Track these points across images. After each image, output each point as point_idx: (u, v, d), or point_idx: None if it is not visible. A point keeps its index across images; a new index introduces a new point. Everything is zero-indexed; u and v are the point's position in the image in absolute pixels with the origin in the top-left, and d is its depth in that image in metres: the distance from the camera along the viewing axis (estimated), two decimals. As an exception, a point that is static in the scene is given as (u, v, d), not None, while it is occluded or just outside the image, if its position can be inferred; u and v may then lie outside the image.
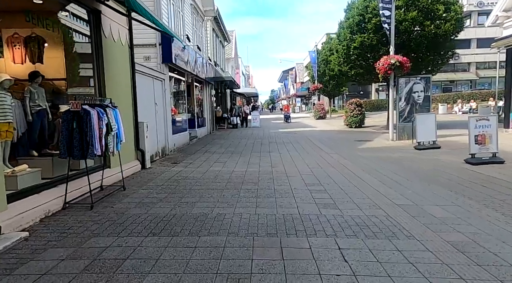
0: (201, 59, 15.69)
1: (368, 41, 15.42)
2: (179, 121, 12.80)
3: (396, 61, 12.62)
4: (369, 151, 10.99)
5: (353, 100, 20.02)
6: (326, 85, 33.12)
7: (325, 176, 7.25)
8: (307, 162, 9.10)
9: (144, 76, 8.77)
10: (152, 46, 10.08)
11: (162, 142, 10.05)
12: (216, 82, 21.94)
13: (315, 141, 14.11)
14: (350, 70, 16.94)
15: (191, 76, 14.41)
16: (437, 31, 14.63)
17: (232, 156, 10.48)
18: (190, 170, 8.04)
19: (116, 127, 5.33)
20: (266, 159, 9.78)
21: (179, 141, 12.09)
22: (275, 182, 6.65)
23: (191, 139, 14.12)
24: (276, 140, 14.64)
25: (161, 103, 10.05)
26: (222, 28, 23.70)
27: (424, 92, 13.14)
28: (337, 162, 9.06)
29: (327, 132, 18.37)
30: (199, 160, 9.72)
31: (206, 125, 18.08)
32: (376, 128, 19.37)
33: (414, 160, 8.99)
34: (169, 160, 9.72)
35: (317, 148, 11.99)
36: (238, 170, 8.07)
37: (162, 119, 10.11)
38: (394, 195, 5.58)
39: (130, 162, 7.47)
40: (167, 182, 6.77)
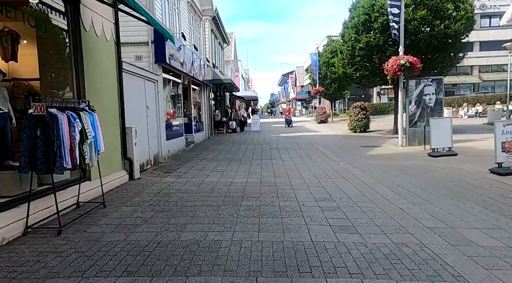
0: (198, 60, 14.90)
1: (375, 42, 14.64)
2: (174, 126, 11.97)
3: (406, 61, 11.83)
4: (379, 158, 10.15)
5: (358, 103, 19.23)
6: (328, 89, 32.37)
7: (335, 188, 6.41)
8: (314, 171, 8.26)
9: (133, 77, 7.96)
10: (144, 45, 9.28)
11: (155, 148, 9.22)
12: (215, 85, 21.15)
13: (319, 147, 13.28)
14: (355, 72, 16.15)
15: (188, 78, 13.61)
16: (446, 31, 13.87)
17: (231, 163, 9.64)
18: (183, 181, 7.19)
19: (92, 134, 4.50)
20: (268, 167, 8.94)
21: (174, 147, 11.26)
22: (279, 196, 5.82)
23: (187, 145, 13.29)
24: (278, 146, 13.81)
25: (153, 106, 9.24)
26: (221, 30, 22.96)
27: (436, 95, 12.35)
28: (346, 171, 8.23)
29: (330, 137, 17.55)
30: (195, 168, 8.88)
31: (204, 130, 17.26)
32: (382, 133, 18.56)
33: (431, 169, 8.16)
34: (162, 168, 8.88)
35: (322, 155, 11.16)
36: (238, 180, 7.23)
37: (154, 124, 9.28)
38: (420, 214, 4.74)
39: (115, 172, 6.63)
40: (156, 196, 5.93)
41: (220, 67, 25.25)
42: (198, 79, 15.20)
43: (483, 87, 49.73)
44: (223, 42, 26.32)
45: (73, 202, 5.06)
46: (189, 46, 13.05)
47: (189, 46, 12.99)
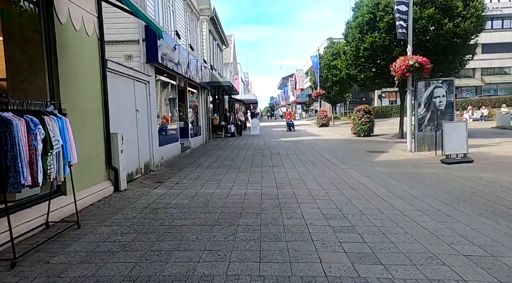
0: (195, 61, 14.20)
1: (380, 41, 13.96)
2: (168, 130, 11.24)
3: (415, 62, 11.14)
4: (389, 165, 9.41)
5: (361, 106, 18.52)
6: (329, 91, 31.70)
7: (345, 201, 5.67)
8: (319, 180, 7.52)
9: (121, 77, 7.24)
10: (135, 43, 8.57)
11: (146, 155, 8.48)
12: (213, 88, 20.46)
13: (322, 152, 12.54)
14: (359, 73, 15.44)
15: (184, 79, 12.90)
16: (456, 30, 13.19)
17: (229, 171, 8.90)
18: (175, 193, 6.44)
19: (60, 143, 3.76)
20: (269, 175, 8.20)
21: (168, 153, 10.52)
22: (283, 212, 5.07)
23: (183, 151, 12.55)
24: (279, 152, 13.07)
25: (144, 110, 8.51)
26: (219, 31, 22.29)
27: (447, 98, 11.64)
28: (355, 180, 7.49)
29: (334, 141, 16.81)
30: (189, 177, 8.13)
31: (202, 134, 16.53)
32: (387, 137, 17.83)
33: (448, 178, 7.42)
34: (153, 177, 8.13)
35: (327, 161, 10.42)
36: (236, 192, 6.48)
37: (145, 129, 8.55)
38: (451, 236, 4.00)
39: (98, 183, 5.88)
40: (142, 212, 5.18)
41: (219, 70, 24.56)
42: (195, 82, 14.49)
43: (486, 90, 49.08)
44: (221, 44, 25.66)
45: (43, 222, 4.31)
46: (185, 46, 12.36)
47: (185, 46, 12.29)
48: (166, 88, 11.55)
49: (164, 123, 11.02)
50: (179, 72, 11.47)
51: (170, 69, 10.42)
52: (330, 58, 31.68)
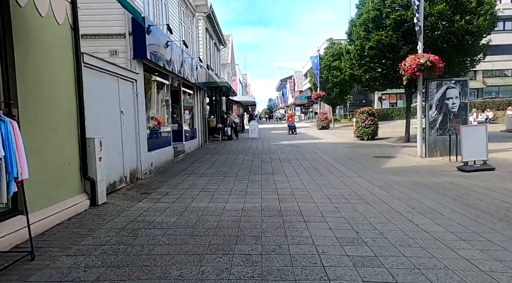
0: (190, 60, 13.34)
1: (387, 40, 13.15)
2: (160, 133, 10.36)
3: (427, 60, 10.31)
4: (400, 173, 8.57)
5: (365, 108, 17.71)
6: (329, 93, 30.92)
7: (360, 219, 4.81)
8: (326, 191, 6.66)
9: (102, 74, 6.37)
10: (120, 37, 7.70)
11: (132, 162, 7.60)
12: (210, 89, 19.59)
13: (326, 158, 11.69)
14: (364, 73, 14.62)
15: (177, 79, 12.04)
16: (468, 27, 12.40)
17: (225, 179, 8.03)
18: (161, 208, 5.57)
19: (2, 154, 2.88)
20: (270, 185, 7.34)
21: (159, 159, 9.64)
22: (288, 235, 4.21)
23: (176, 155, 11.66)
24: (279, 156, 12.21)
25: (130, 111, 7.64)
26: (217, 29, 21.46)
27: (460, 99, 10.82)
28: (367, 191, 6.64)
29: (336, 145, 15.96)
30: (180, 187, 7.25)
31: (197, 138, 15.66)
32: (392, 140, 17.01)
33: (472, 190, 6.58)
34: (139, 187, 7.24)
35: (331, 168, 9.56)
36: (232, 206, 5.61)
37: (131, 133, 7.68)
38: (505, 273, 3.14)
39: (69, 198, 5.00)
40: (118, 235, 4.30)
41: (216, 70, 23.72)
42: (190, 82, 13.63)
43: (487, 92, 48.47)
44: (219, 44, 24.82)
45: (-11, 251, 3.43)
46: (178, 43, 11.50)
47: (178, 42, 11.44)
48: (158, 88, 10.68)
49: (155, 126, 10.15)
50: (172, 70, 10.61)
51: (161, 67, 9.55)
52: (330, 59, 30.93)
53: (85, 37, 7.53)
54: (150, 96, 9.98)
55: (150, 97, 9.99)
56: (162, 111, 10.93)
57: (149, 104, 9.94)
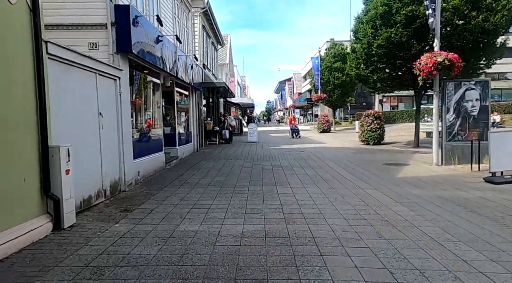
0: (184, 58, 12.34)
1: (397, 37, 12.19)
2: (150, 138, 9.34)
3: (445, 59, 9.35)
4: (420, 185, 7.58)
5: (371, 111, 16.77)
6: (330, 95, 29.98)
7: (391, 251, 3.81)
8: (340, 208, 5.65)
9: (75, 70, 5.35)
10: (101, 28, 6.67)
11: (113, 172, 6.56)
12: (207, 90, 18.59)
13: (332, 164, 10.69)
14: (371, 74, 13.65)
15: (170, 78, 11.02)
16: (484, 25, 11.46)
17: (222, 192, 7.00)
18: (142, 231, 4.53)
19: None
20: (273, 199, 6.32)
21: (147, 167, 8.61)
22: (302, 278, 3.19)
23: (169, 162, 10.63)
24: (281, 163, 11.19)
25: (112, 113, 6.61)
26: (214, 28, 20.48)
27: (481, 102, 9.86)
28: (387, 208, 5.64)
29: (341, 150, 14.96)
30: (169, 201, 6.22)
31: (193, 141, 14.62)
32: (400, 145, 16.04)
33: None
34: (121, 202, 6.20)
35: (340, 177, 8.56)
36: (229, 230, 4.59)
37: (113, 138, 6.65)
38: None
39: (23, 222, 3.96)
40: (77, 277, 3.25)
41: (214, 70, 22.73)
42: (185, 81, 12.62)
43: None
44: (217, 43, 23.84)
45: None
46: (171, 38, 10.49)
47: (171, 38, 10.42)
48: (148, 88, 9.67)
49: (144, 130, 9.12)
50: (164, 68, 9.59)
51: (150, 64, 8.54)
52: (331, 60, 30.03)
53: (59, 27, 6.55)
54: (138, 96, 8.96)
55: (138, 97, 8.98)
56: (152, 113, 9.90)
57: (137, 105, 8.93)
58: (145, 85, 9.42)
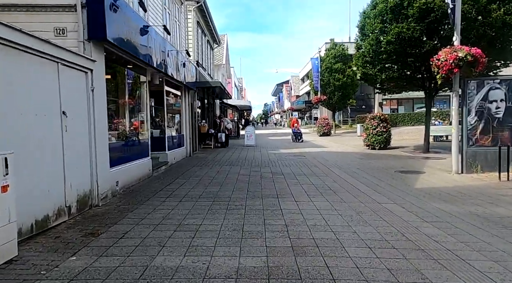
0: (175, 53, 11.22)
1: (408, 33, 11.14)
2: (133, 142, 8.20)
3: (467, 54, 8.32)
4: (446, 199, 6.48)
5: (376, 114, 15.75)
6: (331, 97, 28.96)
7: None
8: (360, 231, 4.54)
9: (27, 57, 4.21)
10: (69, 10, 5.52)
11: (82, 183, 5.41)
12: (202, 90, 17.46)
13: (339, 172, 9.59)
14: (379, 73, 12.59)
15: (159, 75, 9.91)
16: (506, 19, 10.45)
17: (214, 207, 5.87)
18: (103, 270, 3.39)
19: None
20: (276, 218, 5.20)
21: (129, 175, 7.47)
22: None
23: (156, 168, 9.49)
24: (282, 170, 10.08)
25: (82, 112, 5.47)
26: (210, 25, 19.40)
27: (506, 103, 8.81)
28: (418, 231, 4.55)
29: (345, 155, 13.87)
30: (148, 221, 5.08)
31: (185, 145, 13.48)
32: (408, 150, 14.97)
33: None
34: (89, 222, 5.04)
35: (351, 188, 7.45)
36: (219, 267, 3.46)
37: (82, 143, 5.50)
38: None
39: None
40: None
41: (209, 70, 21.63)
42: (176, 79, 11.50)
43: (491, 98, 47.05)
44: (213, 42, 22.75)
45: None
46: (160, 30, 9.37)
47: (159, 29, 9.30)
48: (133, 85, 8.55)
49: (127, 133, 7.99)
50: (151, 63, 8.47)
51: (133, 56, 7.42)
52: (332, 61, 29.03)
53: (17, 8, 5.40)
54: (119, 94, 7.84)
55: (119, 95, 7.86)
56: (138, 114, 8.78)
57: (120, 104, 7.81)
58: (129, 82, 8.30)
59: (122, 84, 8.02)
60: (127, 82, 8.26)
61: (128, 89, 8.33)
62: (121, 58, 7.30)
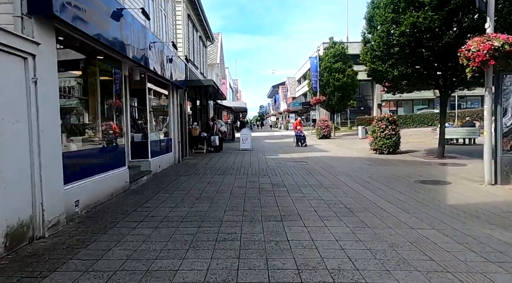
0: (161, 46, 9.79)
1: (425, 23, 9.82)
2: (102, 149, 6.74)
3: (504, 43, 7.01)
4: (494, 221, 5.10)
5: (384, 115, 14.44)
6: (330, 98, 27.65)
7: None
8: (404, 280, 3.14)
9: None
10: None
11: (16, 209, 3.96)
12: (193, 90, 16.02)
13: (349, 182, 8.20)
14: (391, 69, 11.24)
15: (141, 71, 8.49)
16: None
17: (198, 237, 4.43)
18: None
19: None
20: (283, 257, 3.77)
21: (96, 191, 6.01)
22: None
23: (136, 179, 8.04)
24: (283, 180, 8.67)
25: (18, 112, 4.02)
26: (202, 19, 18.00)
27: (549, 101, 7.48)
28: (487, 280, 3.14)
29: (352, 161, 12.47)
30: (104, 265, 3.62)
31: (173, 151, 12.03)
32: (420, 155, 13.63)
33: None
34: (16, 268, 3.56)
35: (370, 205, 6.05)
36: None
37: (20, 153, 4.05)
38: None
39: None
40: None
41: (202, 69, 20.21)
42: (161, 76, 10.06)
43: (492, 100, 46.14)
44: (206, 39, 21.34)
45: None
46: (139, 18, 7.93)
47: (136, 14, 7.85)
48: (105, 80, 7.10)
49: (95, 137, 6.53)
50: (126, 54, 7.03)
51: (102, 44, 5.97)
52: (331, 60, 27.75)
53: None
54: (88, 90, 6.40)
55: (88, 92, 6.42)
56: (112, 114, 7.32)
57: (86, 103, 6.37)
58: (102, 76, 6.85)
59: (91, 79, 6.58)
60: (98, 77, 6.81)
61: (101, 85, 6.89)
62: (86, 45, 5.85)
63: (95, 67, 6.60)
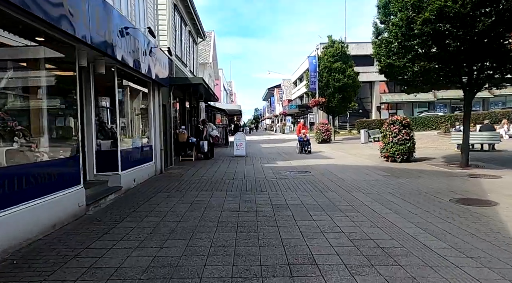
0: (135, 33, 8.01)
1: (455, 7, 8.16)
2: (36, 164, 4.94)
3: None
4: None
5: (397, 118, 12.72)
6: (330, 100, 26.03)
7: None
8: None
9: None
10: None
11: None
12: (181, 89, 14.21)
13: (370, 203, 6.47)
14: (410, 63, 9.56)
15: (108, 62, 6.70)
16: None
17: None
18: None
19: None
20: None
21: (26, 225, 4.23)
22: None
23: (98, 200, 6.25)
24: (286, 199, 6.91)
25: None
26: (192, 12, 16.25)
27: None
28: None
29: (364, 172, 10.70)
30: None
31: (154, 160, 10.22)
32: (438, 162, 11.93)
33: None
34: None
35: (407, 238, 4.31)
36: None
37: None
38: None
39: None
40: None
41: (192, 67, 18.45)
42: (138, 71, 8.29)
43: (493, 102, 45.07)
44: (196, 34, 19.59)
45: None
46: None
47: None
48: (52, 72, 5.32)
49: (27, 150, 4.73)
50: (83, 39, 5.25)
51: (43, 21, 4.20)
52: (331, 59, 26.16)
53: None
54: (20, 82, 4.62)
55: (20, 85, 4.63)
56: (60, 116, 5.53)
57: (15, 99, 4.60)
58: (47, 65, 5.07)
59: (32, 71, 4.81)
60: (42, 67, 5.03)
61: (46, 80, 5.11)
62: (18, 21, 4.07)
63: (32, 54, 4.81)
